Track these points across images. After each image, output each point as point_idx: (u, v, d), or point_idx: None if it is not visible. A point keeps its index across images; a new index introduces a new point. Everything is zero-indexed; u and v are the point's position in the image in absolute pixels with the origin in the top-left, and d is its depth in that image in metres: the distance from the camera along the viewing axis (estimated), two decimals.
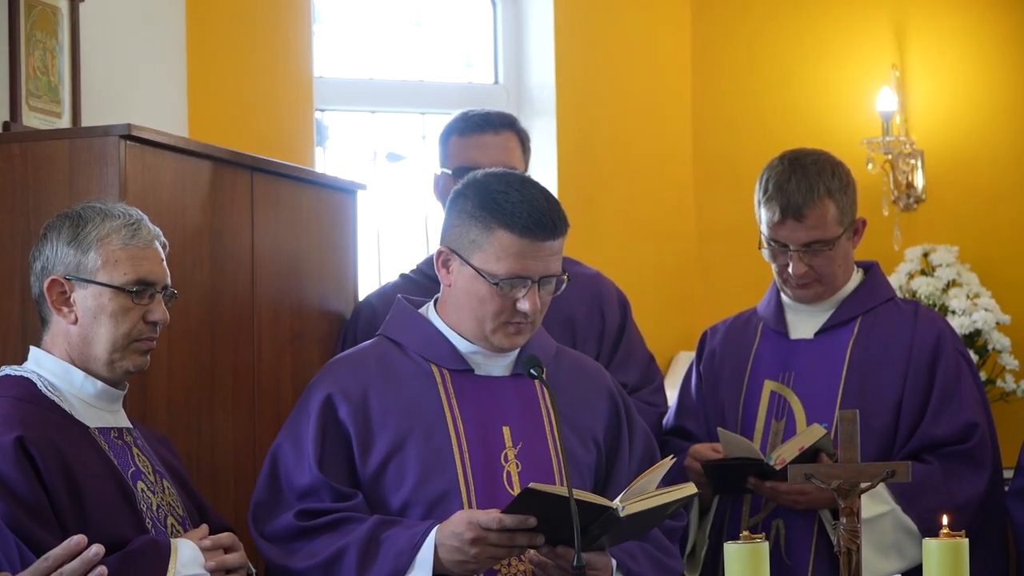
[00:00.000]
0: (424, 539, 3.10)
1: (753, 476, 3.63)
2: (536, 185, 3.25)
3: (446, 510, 3.15)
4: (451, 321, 3.29)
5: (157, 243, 3.10)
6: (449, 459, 3.20)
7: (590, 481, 3.29)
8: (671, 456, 3.26)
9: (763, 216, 3.76)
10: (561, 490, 2.95)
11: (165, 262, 3.11)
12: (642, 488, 3.07)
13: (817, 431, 3.61)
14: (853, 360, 3.78)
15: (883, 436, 3.72)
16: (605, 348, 4.04)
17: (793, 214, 3.68)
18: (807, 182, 3.69)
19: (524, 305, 3.18)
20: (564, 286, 3.25)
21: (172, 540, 2.98)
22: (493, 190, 3.20)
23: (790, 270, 3.74)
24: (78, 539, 2.71)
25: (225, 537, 3.05)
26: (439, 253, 3.28)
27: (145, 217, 3.11)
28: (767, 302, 3.96)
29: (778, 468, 3.55)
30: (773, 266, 3.82)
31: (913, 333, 3.79)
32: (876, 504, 3.61)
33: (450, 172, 4.00)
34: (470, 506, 3.17)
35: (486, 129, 3.99)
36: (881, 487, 3.52)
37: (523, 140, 4.07)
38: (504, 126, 4.02)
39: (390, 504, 3.22)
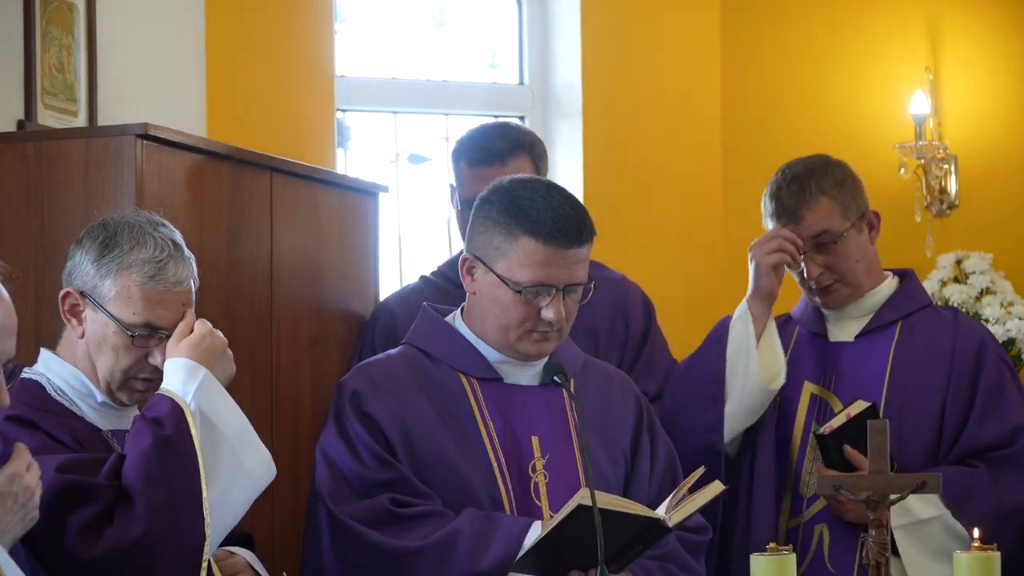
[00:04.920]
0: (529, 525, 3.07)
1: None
2: (562, 192, 3.22)
3: None
4: (477, 329, 3.26)
5: (187, 282, 2.99)
6: (487, 469, 3.17)
7: (618, 494, 3.22)
8: (701, 468, 3.19)
9: (768, 223, 3.83)
10: (612, 503, 2.89)
11: (191, 302, 3.00)
12: (678, 496, 3.02)
13: (861, 404, 3.64)
14: (896, 364, 3.78)
15: (927, 442, 3.71)
16: (628, 355, 4.01)
17: (789, 218, 3.75)
18: (798, 185, 3.77)
19: (548, 313, 3.14)
20: (591, 294, 3.21)
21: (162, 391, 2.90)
22: (518, 196, 3.17)
23: (806, 275, 3.77)
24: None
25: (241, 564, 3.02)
26: (463, 260, 3.24)
27: (183, 249, 3.00)
28: (803, 307, 3.95)
29: (825, 434, 3.60)
30: (795, 276, 3.84)
31: (955, 339, 3.79)
32: (927, 507, 3.60)
33: (458, 207, 3.97)
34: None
35: (494, 162, 3.93)
36: None
37: (536, 159, 4.00)
38: (514, 152, 3.95)
39: None
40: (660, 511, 2.98)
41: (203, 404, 2.86)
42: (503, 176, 3.30)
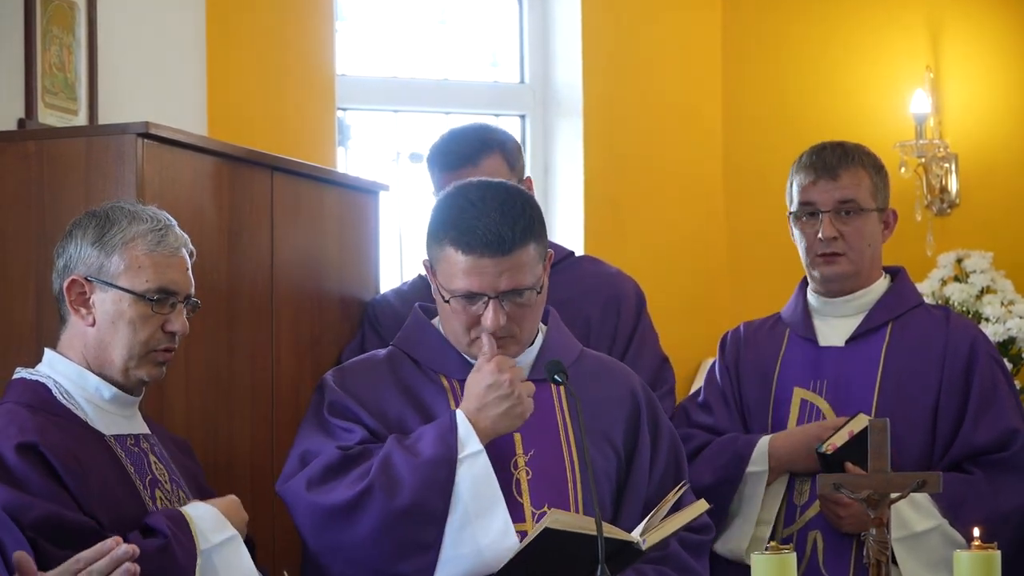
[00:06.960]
0: (454, 422, 3.05)
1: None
2: (498, 196, 3.13)
3: None
4: (445, 332, 3.25)
5: (184, 251, 3.06)
6: None
7: (609, 488, 3.22)
8: (683, 483, 3.18)
9: (795, 183, 3.78)
10: (582, 526, 2.85)
11: (191, 271, 3.07)
12: (658, 516, 2.99)
13: (863, 419, 3.59)
14: (887, 368, 3.74)
15: (921, 445, 3.68)
16: (617, 349, 3.98)
17: (827, 173, 3.73)
18: (842, 149, 3.77)
19: (485, 321, 3.10)
20: (538, 295, 3.15)
21: (183, 510, 2.95)
22: (449, 206, 3.13)
23: (819, 234, 3.72)
24: (111, 541, 2.65)
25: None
26: (424, 264, 3.23)
27: (174, 223, 3.07)
28: (793, 308, 3.90)
29: (829, 453, 3.56)
30: (801, 244, 3.78)
31: (946, 339, 3.76)
32: (924, 519, 3.57)
33: None
34: None
35: (465, 165, 3.87)
36: (927, 500, 3.52)
37: (508, 155, 3.92)
38: (483, 152, 3.87)
39: None
40: (636, 533, 2.93)
41: (219, 559, 2.90)
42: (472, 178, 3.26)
